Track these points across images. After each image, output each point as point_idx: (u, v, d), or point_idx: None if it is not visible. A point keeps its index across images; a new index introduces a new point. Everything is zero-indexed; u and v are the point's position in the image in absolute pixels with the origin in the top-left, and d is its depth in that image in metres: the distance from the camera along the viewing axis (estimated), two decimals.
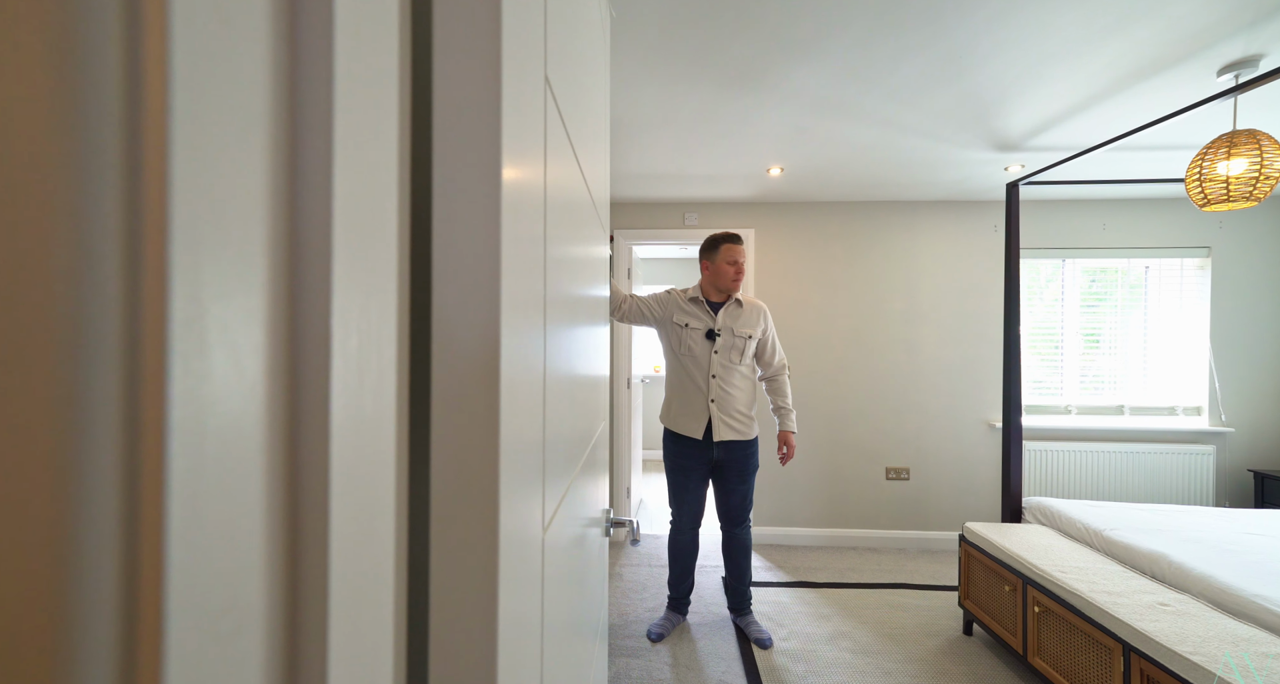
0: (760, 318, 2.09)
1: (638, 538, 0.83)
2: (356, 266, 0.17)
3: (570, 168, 0.47)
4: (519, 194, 0.26)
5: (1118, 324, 3.16)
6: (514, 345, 0.25)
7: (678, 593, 2.22)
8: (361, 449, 0.17)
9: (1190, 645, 1.27)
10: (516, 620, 0.26)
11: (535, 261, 0.30)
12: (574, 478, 0.50)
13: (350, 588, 0.16)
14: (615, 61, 1.55)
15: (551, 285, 0.37)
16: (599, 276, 0.73)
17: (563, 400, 0.43)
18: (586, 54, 0.58)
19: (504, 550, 0.24)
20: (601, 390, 0.78)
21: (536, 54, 0.31)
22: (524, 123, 0.28)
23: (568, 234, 0.46)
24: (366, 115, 0.17)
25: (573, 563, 0.51)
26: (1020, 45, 1.45)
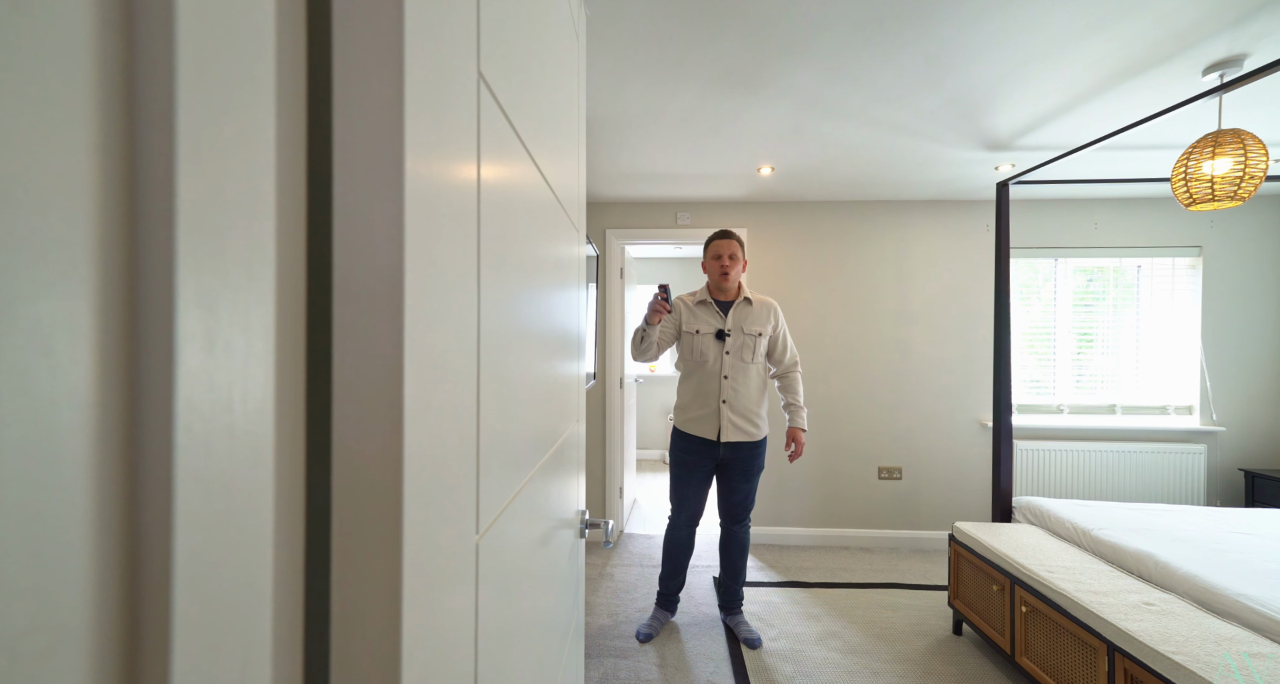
0: (770, 315, 2.08)
1: (610, 540, 0.82)
2: (217, 269, 0.16)
3: (522, 166, 0.46)
4: (434, 192, 0.26)
5: (1110, 323, 3.17)
6: (426, 351, 0.25)
7: (668, 589, 2.21)
8: (229, 455, 0.16)
9: (1173, 645, 1.26)
10: (434, 628, 0.26)
11: (461, 261, 0.30)
12: (530, 480, 0.50)
13: (210, 602, 0.16)
14: (599, 60, 1.55)
15: (491, 287, 0.36)
16: (568, 276, 0.72)
17: (510, 404, 0.43)
18: (547, 52, 0.57)
19: (412, 558, 0.23)
20: (572, 392, 0.77)
21: (465, 52, 0.30)
22: (445, 119, 0.27)
23: (520, 233, 0.45)
24: (231, 114, 0.16)
25: (530, 566, 0.51)
26: (1004, 45, 1.45)
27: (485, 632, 0.35)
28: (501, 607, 0.40)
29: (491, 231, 0.36)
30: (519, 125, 0.45)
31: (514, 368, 0.44)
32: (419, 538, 0.24)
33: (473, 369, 0.32)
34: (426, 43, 0.24)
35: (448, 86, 0.27)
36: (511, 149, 0.42)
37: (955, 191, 2.93)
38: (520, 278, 0.46)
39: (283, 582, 0.19)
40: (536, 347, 0.53)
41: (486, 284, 0.35)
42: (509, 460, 0.42)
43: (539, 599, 0.55)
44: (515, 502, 0.45)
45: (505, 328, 0.41)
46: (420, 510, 0.24)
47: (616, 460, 3.24)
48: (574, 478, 0.81)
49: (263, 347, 0.17)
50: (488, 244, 0.35)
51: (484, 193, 0.34)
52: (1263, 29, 1.35)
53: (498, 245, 0.38)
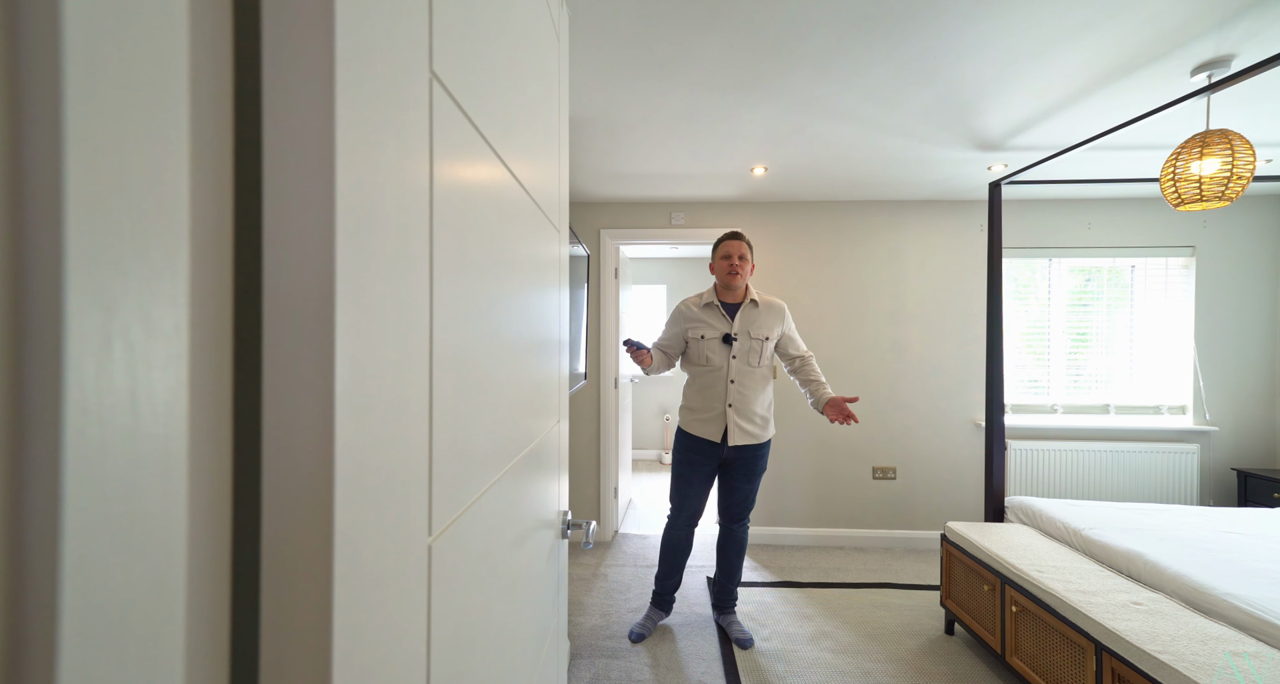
0: (778, 318, 2.07)
1: (590, 541, 0.82)
2: (115, 270, 0.16)
3: (488, 167, 0.46)
4: (374, 192, 0.25)
5: (1105, 323, 3.17)
6: (363, 353, 0.24)
7: (663, 589, 2.20)
8: (130, 458, 0.16)
9: (1159, 644, 1.27)
10: (374, 630, 0.26)
11: (409, 261, 0.30)
12: (499, 481, 0.50)
13: (105, 609, 0.15)
14: (588, 60, 1.54)
15: (448, 287, 0.36)
16: (546, 276, 0.72)
17: (474, 405, 0.42)
18: (520, 53, 0.57)
19: (346, 561, 0.23)
20: (551, 392, 0.77)
21: (413, 53, 0.30)
22: (387, 120, 0.27)
23: (486, 234, 0.45)
24: (131, 112, 0.16)
25: (500, 566, 0.50)
26: (993, 45, 1.45)
27: (442, 632, 0.35)
28: (463, 607, 0.40)
29: (448, 232, 0.36)
30: (484, 126, 0.44)
31: (478, 368, 0.43)
32: (354, 541, 0.24)
33: (424, 370, 0.32)
34: (361, 44, 0.24)
35: (390, 87, 0.27)
36: (475, 150, 0.42)
37: (949, 192, 2.94)
38: (487, 278, 0.46)
39: (201, 585, 0.19)
40: (507, 347, 0.53)
41: (442, 284, 0.35)
42: (472, 461, 0.42)
43: (511, 599, 0.55)
44: (480, 502, 0.44)
45: (467, 328, 0.41)
46: (356, 513, 0.24)
47: (611, 460, 3.23)
48: (554, 478, 0.81)
49: (172, 348, 0.17)
50: (443, 245, 0.35)
51: (439, 194, 0.34)
52: (1249, 29, 1.36)
53: (456, 246, 0.38)
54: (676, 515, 2.14)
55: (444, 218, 0.35)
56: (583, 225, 3.20)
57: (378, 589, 0.26)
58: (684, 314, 2.10)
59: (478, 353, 0.43)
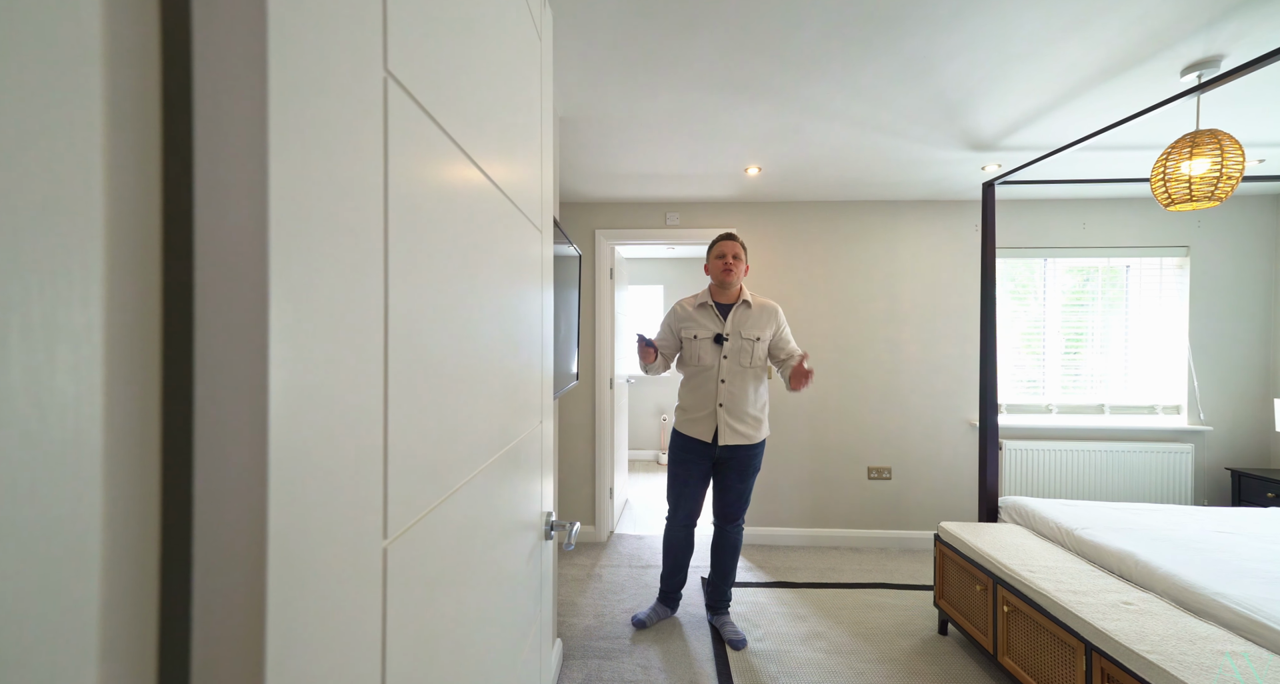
0: (770, 319, 2.08)
1: (571, 543, 0.82)
2: (11, 272, 0.16)
3: (457, 167, 0.46)
4: (316, 192, 0.25)
5: (1100, 323, 3.18)
6: (302, 356, 0.24)
7: (669, 587, 2.24)
8: (27, 461, 0.16)
9: (1148, 644, 1.27)
10: (316, 635, 0.25)
11: (359, 261, 0.30)
12: (470, 482, 0.49)
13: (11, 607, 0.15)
14: (577, 60, 1.54)
15: (406, 287, 0.36)
16: (525, 275, 0.72)
17: (438, 406, 0.42)
18: (494, 52, 0.57)
19: (282, 566, 0.23)
20: (532, 392, 0.77)
21: (364, 52, 0.30)
22: (332, 120, 0.27)
23: (453, 234, 0.45)
24: (28, 113, 0.16)
25: (472, 568, 0.50)
26: (982, 46, 1.45)
27: (401, 635, 0.35)
28: (428, 609, 0.40)
29: (408, 231, 0.36)
30: (451, 126, 0.44)
31: (445, 370, 0.43)
32: (292, 544, 0.24)
33: (378, 374, 0.32)
34: (299, 44, 0.24)
35: (335, 87, 0.27)
36: (440, 150, 0.42)
37: (943, 192, 2.94)
38: (454, 277, 0.46)
39: (122, 588, 0.19)
40: (480, 347, 0.52)
41: (401, 284, 0.35)
42: (437, 463, 0.42)
43: (486, 600, 0.55)
44: (449, 503, 0.44)
45: (431, 329, 0.41)
46: (293, 516, 0.24)
47: (607, 461, 3.23)
48: (537, 478, 0.80)
49: (82, 349, 0.17)
50: (402, 244, 0.35)
51: (396, 193, 0.34)
52: (1237, 30, 1.36)
53: (419, 245, 0.38)
54: (674, 515, 2.18)
55: (403, 217, 0.35)
56: (577, 226, 3.20)
57: (321, 593, 0.26)
58: (678, 314, 2.14)
59: (444, 354, 0.43)
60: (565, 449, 3.22)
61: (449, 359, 0.44)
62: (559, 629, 2.15)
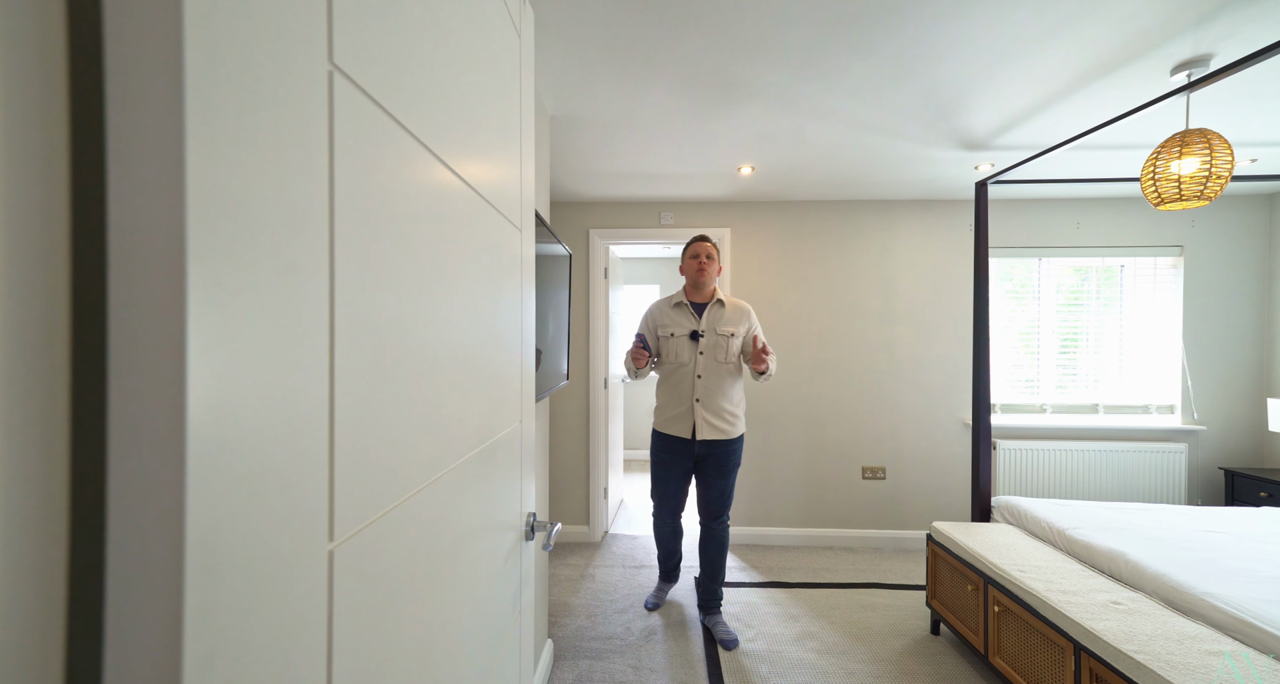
0: (743, 317, 2.14)
1: (550, 543, 0.81)
2: None
3: (421, 165, 0.45)
4: (242, 190, 0.25)
5: (1094, 323, 3.18)
6: (229, 352, 0.24)
7: (667, 566, 2.39)
8: None
9: (1135, 644, 1.26)
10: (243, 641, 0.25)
11: (300, 260, 0.29)
12: (434, 483, 0.49)
13: None
14: (566, 59, 1.54)
15: (358, 286, 0.35)
16: (501, 274, 0.71)
17: (397, 407, 0.42)
18: (465, 50, 0.56)
19: (201, 573, 0.22)
20: (510, 391, 0.76)
21: (305, 45, 0.29)
22: (262, 117, 0.26)
23: (416, 233, 0.44)
24: None
25: (435, 571, 0.50)
26: (971, 44, 1.45)
27: (350, 641, 0.34)
28: (386, 614, 0.39)
29: (359, 230, 0.35)
30: (414, 124, 0.44)
31: (405, 369, 0.43)
32: (216, 549, 0.23)
33: (321, 372, 0.31)
34: (223, 37, 0.23)
35: (269, 80, 0.27)
36: (400, 147, 0.41)
37: (937, 191, 2.94)
38: (418, 277, 0.45)
39: (22, 593, 0.18)
40: (447, 347, 0.52)
41: (350, 283, 0.34)
42: (396, 463, 0.41)
43: (455, 603, 0.54)
44: (410, 505, 0.44)
45: (389, 329, 0.40)
46: (218, 521, 0.23)
47: (601, 461, 3.23)
48: (516, 479, 0.80)
49: None
50: (352, 242, 0.34)
51: (344, 191, 0.33)
52: (1226, 29, 1.36)
53: (373, 244, 0.37)
54: (659, 512, 2.25)
55: (354, 214, 0.35)
56: (571, 225, 3.19)
57: (251, 600, 0.25)
58: (654, 314, 2.20)
59: (405, 354, 0.43)
60: (558, 449, 3.21)
61: (411, 359, 0.44)
62: (551, 630, 2.14)
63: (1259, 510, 2.16)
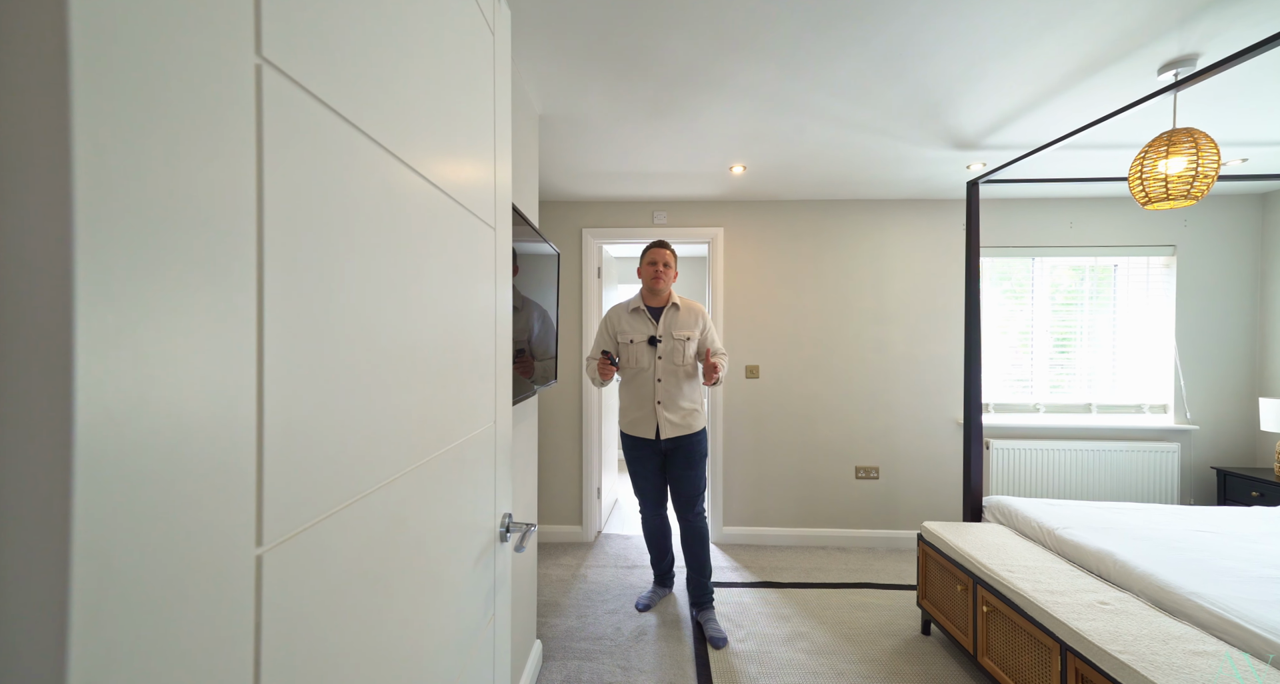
0: (698, 319, 2.23)
1: (522, 546, 0.80)
2: None
3: (372, 162, 0.45)
4: (149, 185, 0.24)
5: (1088, 323, 3.18)
6: (128, 354, 0.23)
7: (661, 569, 2.43)
8: None
9: (1120, 644, 1.26)
10: (145, 659, 0.24)
11: (220, 259, 0.28)
12: (389, 485, 0.48)
13: None
14: (551, 57, 1.53)
15: (297, 285, 0.35)
16: (470, 273, 0.71)
17: (345, 408, 0.41)
18: (422, 46, 0.55)
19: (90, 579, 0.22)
20: (482, 390, 0.76)
21: (228, 36, 0.29)
22: (173, 109, 0.25)
23: (360, 230, 0.44)
24: None
25: (391, 575, 0.49)
26: (957, 42, 1.44)
27: (285, 652, 0.33)
28: (329, 622, 0.39)
29: (296, 229, 0.35)
30: (366, 121, 0.43)
31: (353, 371, 0.42)
32: (106, 556, 0.22)
33: (248, 374, 0.30)
34: (119, 29, 0.23)
35: (179, 74, 0.26)
36: (348, 145, 0.41)
37: (929, 190, 2.93)
38: (370, 276, 0.44)
39: None
40: (405, 348, 0.51)
41: (285, 283, 0.33)
42: (343, 465, 0.41)
43: (413, 608, 0.54)
44: (359, 506, 0.43)
45: (336, 330, 0.39)
46: (113, 525, 0.22)
47: (594, 461, 3.22)
48: (489, 480, 0.79)
49: None
50: (289, 241, 0.34)
51: (277, 189, 0.33)
52: (1211, 29, 1.35)
53: (315, 243, 0.37)
54: (645, 507, 2.35)
55: (290, 212, 0.34)
56: (564, 225, 3.19)
57: (156, 610, 0.24)
58: (613, 320, 2.26)
59: (351, 356, 0.42)
60: (551, 449, 3.21)
61: (361, 359, 0.43)
62: (540, 630, 2.14)
63: (1250, 510, 2.16)
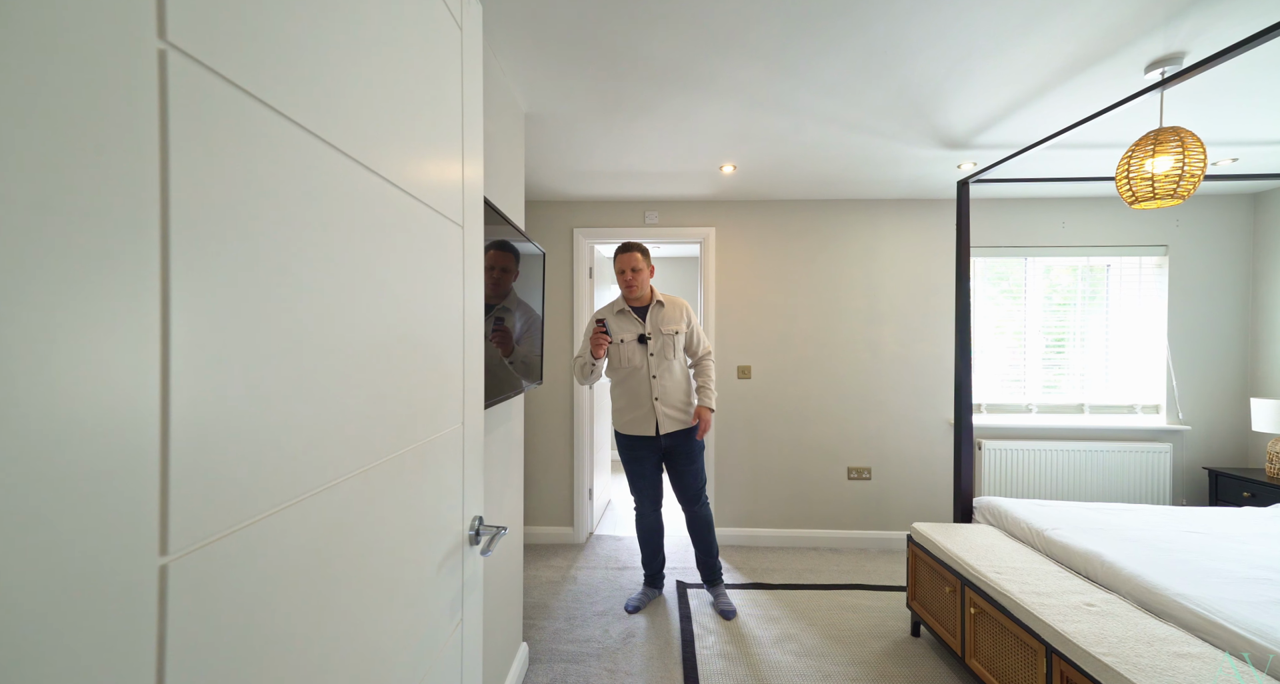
0: (683, 313, 2.28)
1: (488, 549, 0.79)
2: None
3: (312, 158, 0.43)
4: (25, 180, 0.23)
5: (1080, 323, 3.17)
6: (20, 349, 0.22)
7: (651, 570, 2.43)
8: None
9: (1105, 646, 1.25)
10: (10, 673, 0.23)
11: (116, 252, 0.27)
12: (332, 487, 0.47)
13: None
14: (534, 55, 1.52)
15: (208, 281, 0.33)
16: (429, 271, 0.69)
17: (281, 411, 0.40)
18: (373, 39, 0.54)
19: None
20: (444, 395, 0.74)
21: (120, 17, 0.28)
22: (46, 97, 0.24)
23: (299, 227, 0.42)
24: None
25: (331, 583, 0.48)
26: (944, 39, 1.43)
27: (193, 667, 0.32)
28: (254, 636, 0.37)
29: (213, 223, 0.33)
30: (305, 115, 0.42)
31: (287, 371, 0.41)
32: None
33: (150, 373, 0.29)
34: None
35: (65, 59, 0.25)
36: (281, 139, 0.40)
37: (921, 190, 2.93)
38: (304, 272, 0.43)
39: None
40: (349, 347, 0.50)
41: (197, 277, 0.32)
42: (269, 468, 0.39)
43: (359, 616, 0.52)
44: (294, 511, 0.42)
45: (259, 327, 0.38)
46: None
47: (585, 462, 3.21)
48: (455, 482, 0.78)
49: None
50: (200, 235, 0.32)
51: (187, 183, 0.31)
52: (1197, 27, 1.34)
53: (235, 237, 0.35)
54: (641, 504, 2.36)
55: (201, 206, 0.33)
56: (555, 224, 3.17)
57: (26, 626, 0.23)
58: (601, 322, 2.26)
59: (282, 357, 0.41)
60: (541, 450, 3.19)
61: (293, 360, 0.42)
62: (527, 632, 2.12)
63: (1240, 510, 2.15)
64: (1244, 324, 3.01)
